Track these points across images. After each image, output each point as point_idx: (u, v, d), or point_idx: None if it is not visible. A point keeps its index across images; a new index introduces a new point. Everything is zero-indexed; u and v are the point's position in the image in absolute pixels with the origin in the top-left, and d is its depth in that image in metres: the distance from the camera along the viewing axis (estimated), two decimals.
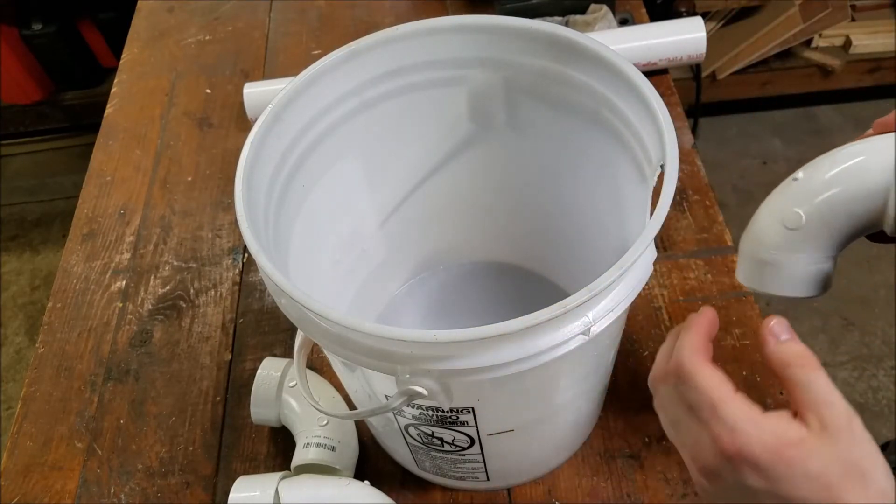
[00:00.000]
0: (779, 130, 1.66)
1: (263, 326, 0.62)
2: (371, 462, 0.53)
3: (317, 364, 0.58)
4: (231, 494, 0.46)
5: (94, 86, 1.60)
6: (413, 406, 0.38)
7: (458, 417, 0.39)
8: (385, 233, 0.54)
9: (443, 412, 0.38)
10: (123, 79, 0.86)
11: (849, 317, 1.33)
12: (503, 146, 0.49)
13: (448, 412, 0.38)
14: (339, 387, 0.54)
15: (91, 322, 0.64)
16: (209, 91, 0.83)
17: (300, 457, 0.49)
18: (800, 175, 0.37)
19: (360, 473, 0.52)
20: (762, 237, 0.37)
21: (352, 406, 0.52)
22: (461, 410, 0.38)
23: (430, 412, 0.39)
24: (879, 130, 0.35)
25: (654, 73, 0.75)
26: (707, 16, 1.46)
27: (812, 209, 0.35)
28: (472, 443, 0.42)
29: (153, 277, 0.66)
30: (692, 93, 1.34)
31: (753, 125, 1.68)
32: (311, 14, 0.90)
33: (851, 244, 0.37)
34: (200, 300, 0.64)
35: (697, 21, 0.74)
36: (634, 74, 0.37)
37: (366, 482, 0.47)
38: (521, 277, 0.60)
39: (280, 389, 0.52)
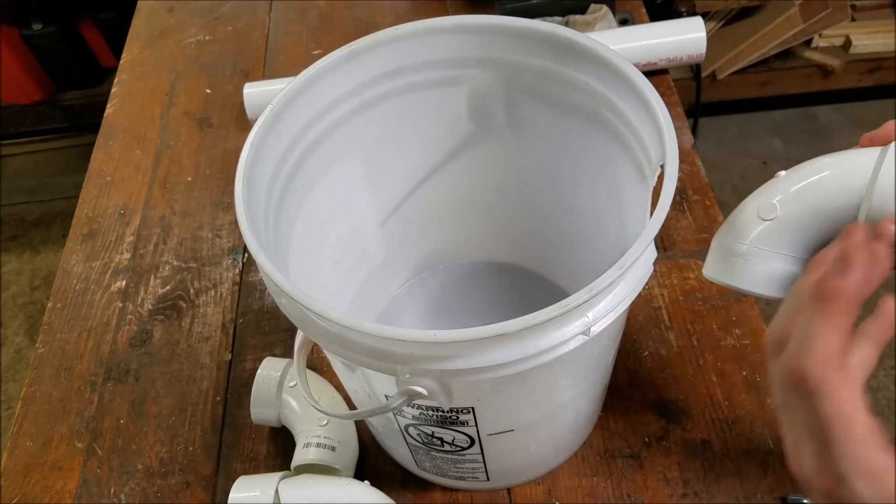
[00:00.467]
0: (779, 130, 1.66)
1: (263, 326, 0.62)
2: (371, 462, 0.53)
3: (317, 364, 0.58)
4: (231, 494, 0.46)
5: (94, 86, 1.60)
6: (413, 406, 0.38)
7: (458, 417, 0.39)
8: (385, 233, 0.54)
9: (443, 412, 0.38)
10: (123, 79, 0.86)
11: None
12: (503, 146, 0.49)
13: (448, 412, 0.38)
14: (339, 387, 0.54)
15: (91, 322, 0.64)
16: (209, 91, 0.83)
17: (300, 457, 0.49)
18: (782, 174, 0.38)
19: (360, 473, 0.52)
20: (737, 228, 0.38)
21: (352, 406, 0.52)
22: (461, 410, 0.38)
23: (430, 412, 0.39)
24: (866, 144, 0.36)
25: (654, 73, 0.75)
26: (707, 16, 1.46)
27: (788, 203, 0.37)
28: (472, 443, 0.42)
29: (153, 277, 0.66)
30: (692, 93, 1.34)
31: (753, 125, 1.68)
32: (311, 14, 0.90)
33: None
34: (200, 300, 0.64)
35: (697, 21, 0.74)
36: (634, 74, 0.37)
37: (366, 482, 0.48)
38: (521, 277, 0.60)
39: (280, 389, 0.52)
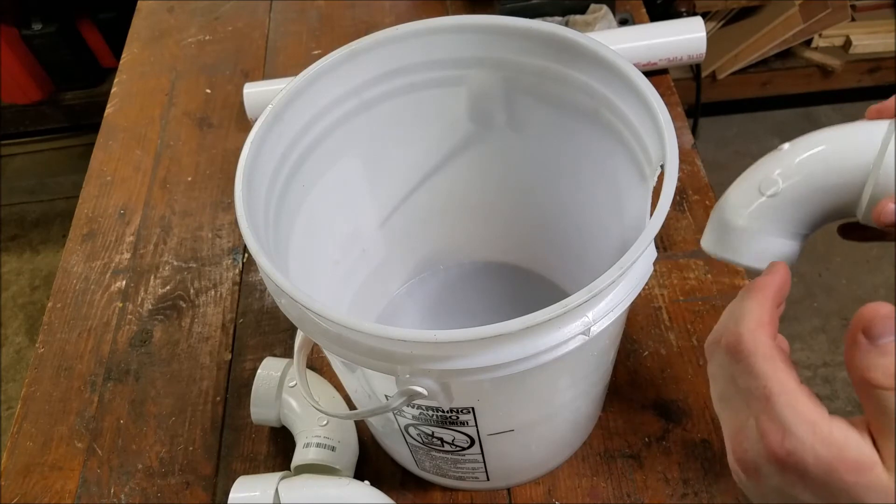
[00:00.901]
0: (779, 130, 1.66)
1: (263, 326, 0.62)
2: (371, 462, 0.53)
3: (317, 364, 0.58)
4: (231, 494, 0.46)
5: (94, 86, 1.60)
6: (413, 406, 0.38)
7: (458, 417, 0.39)
8: (385, 233, 0.54)
9: (443, 412, 0.38)
10: (123, 79, 0.86)
11: (849, 317, 1.33)
12: (503, 146, 0.49)
13: (448, 412, 0.38)
14: (339, 387, 0.54)
15: (91, 322, 0.64)
16: (209, 91, 0.83)
17: (300, 457, 0.49)
18: (785, 146, 0.37)
19: (360, 473, 0.52)
20: (737, 201, 0.37)
21: (352, 406, 0.52)
22: (461, 410, 0.38)
23: (430, 412, 0.39)
24: (873, 117, 0.35)
25: (654, 73, 0.75)
26: (707, 16, 1.46)
27: (790, 178, 0.35)
28: (472, 443, 0.42)
29: (153, 277, 0.66)
30: (692, 93, 1.34)
31: (753, 125, 1.68)
32: (311, 14, 0.90)
33: (847, 242, 0.37)
34: (200, 300, 0.64)
35: (697, 21, 0.74)
36: (634, 74, 0.37)
37: (366, 482, 0.48)
38: (521, 277, 0.60)
39: (280, 389, 0.52)
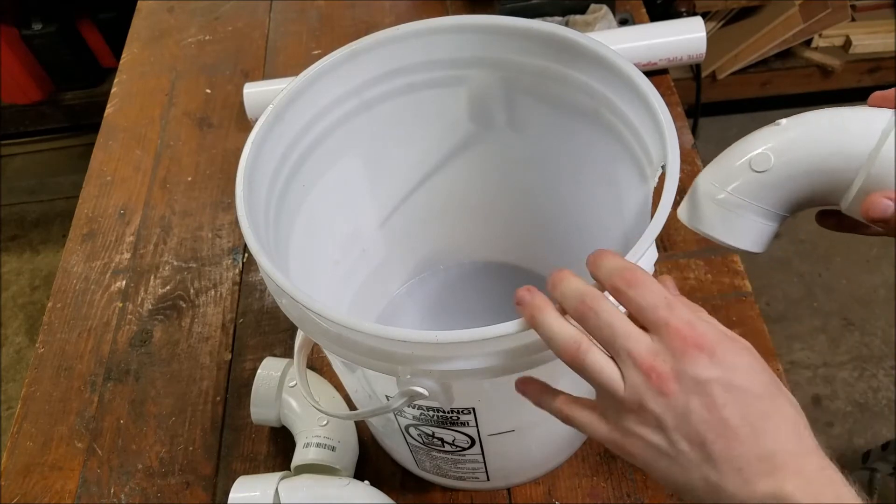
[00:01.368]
0: None
1: (263, 326, 0.62)
2: (371, 462, 0.53)
3: (317, 364, 0.58)
4: (231, 494, 0.46)
5: (94, 86, 1.60)
6: (414, 406, 0.38)
7: (459, 418, 0.39)
8: (385, 233, 0.54)
9: (443, 413, 0.38)
10: (123, 79, 0.86)
11: (849, 317, 1.33)
12: (503, 146, 0.49)
13: (449, 413, 0.38)
14: (339, 387, 0.54)
15: (91, 322, 0.64)
16: (209, 91, 0.83)
17: (300, 457, 0.49)
18: (783, 122, 0.36)
19: (360, 473, 0.52)
20: (726, 176, 0.36)
21: (352, 406, 0.52)
22: (462, 411, 0.38)
23: (431, 412, 0.39)
24: (877, 103, 0.34)
25: (654, 73, 0.75)
26: (707, 16, 1.46)
27: (783, 156, 0.34)
28: (473, 443, 0.42)
29: (153, 277, 0.66)
30: (692, 93, 1.34)
31: (753, 125, 1.65)
32: (311, 14, 0.90)
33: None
34: (200, 300, 0.64)
35: (697, 21, 0.74)
36: (634, 74, 0.37)
37: (366, 482, 0.47)
38: (522, 277, 0.60)
39: (280, 389, 0.52)
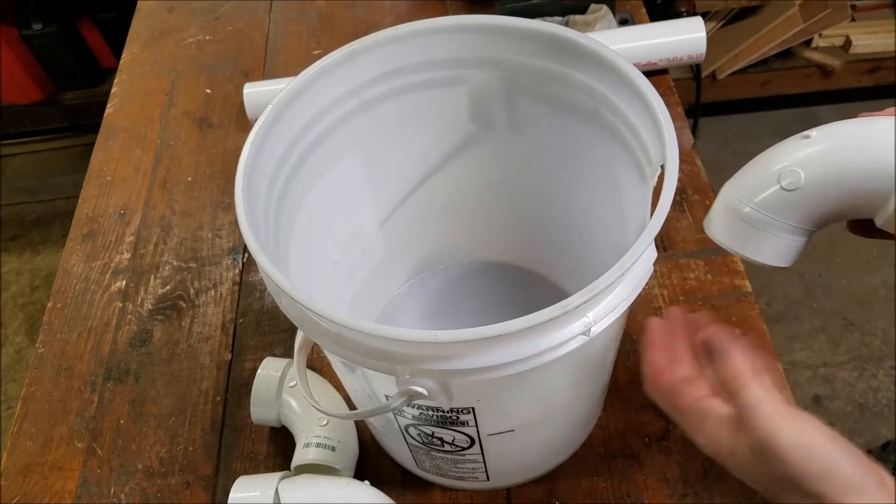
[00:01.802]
0: (779, 130, 1.66)
1: (263, 326, 0.62)
2: (371, 462, 0.53)
3: (317, 364, 0.58)
4: (231, 494, 0.46)
5: (94, 86, 1.60)
6: (413, 406, 0.38)
7: (459, 417, 0.39)
8: (385, 233, 0.54)
9: (443, 412, 0.38)
10: (123, 79, 0.86)
11: (849, 317, 1.33)
12: (503, 146, 0.49)
13: (448, 412, 0.38)
14: (339, 387, 0.54)
15: (91, 322, 0.64)
16: (209, 91, 0.83)
17: (300, 457, 0.49)
18: (812, 134, 0.33)
19: (360, 473, 0.52)
20: (752, 190, 0.34)
21: (352, 406, 0.52)
22: (461, 410, 0.38)
23: (431, 412, 0.39)
24: None
25: (654, 73, 0.75)
26: (707, 16, 1.46)
27: (815, 174, 0.32)
28: (472, 443, 0.42)
29: (153, 277, 0.66)
30: (692, 93, 1.33)
31: (753, 125, 1.68)
32: (311, 14, 0.90)
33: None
34: (200, 300, 0.64)
35: (697, 21, 0.74)
36: (634, 74, 0.37)
37: (366, 482, 0.47)
38: (521, 277, 0.60)
39: (280, 389, 0.52)
